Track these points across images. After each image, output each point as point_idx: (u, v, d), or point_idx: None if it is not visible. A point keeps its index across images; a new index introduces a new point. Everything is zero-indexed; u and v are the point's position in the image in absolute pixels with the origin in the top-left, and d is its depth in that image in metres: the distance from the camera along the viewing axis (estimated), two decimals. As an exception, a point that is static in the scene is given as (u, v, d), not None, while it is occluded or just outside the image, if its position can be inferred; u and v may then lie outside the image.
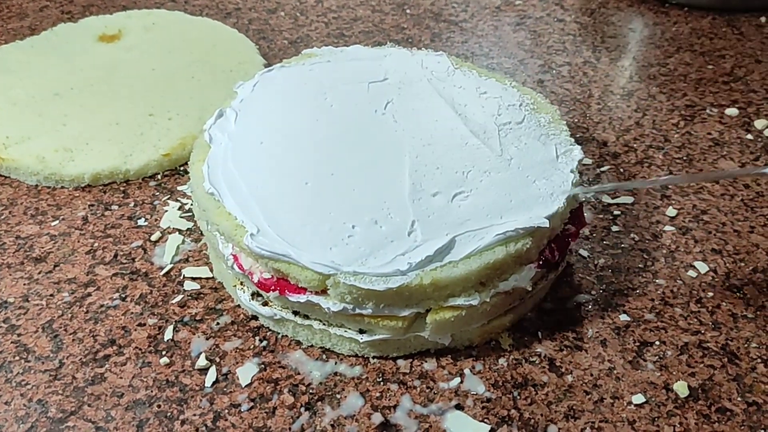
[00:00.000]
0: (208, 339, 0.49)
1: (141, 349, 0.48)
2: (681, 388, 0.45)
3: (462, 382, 0.46)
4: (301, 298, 0.45)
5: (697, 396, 0.45)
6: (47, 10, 0.92)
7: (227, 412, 0.44)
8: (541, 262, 0.47)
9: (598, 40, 0.85)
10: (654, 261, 0.55)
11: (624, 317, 0.50)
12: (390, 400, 0.45)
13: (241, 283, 0.49)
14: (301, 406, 0.44)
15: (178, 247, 0.56)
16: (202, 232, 0.54)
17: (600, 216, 0.59)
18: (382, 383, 0.46)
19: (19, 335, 0.49)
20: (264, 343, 0.48)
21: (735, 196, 0.61)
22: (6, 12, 0.91)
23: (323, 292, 0.44)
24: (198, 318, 0.50)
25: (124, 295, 0.52)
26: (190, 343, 0.48)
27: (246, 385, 0.46)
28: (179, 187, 0.62)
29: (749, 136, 0.68)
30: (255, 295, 0.48)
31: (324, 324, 0.47)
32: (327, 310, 0.44)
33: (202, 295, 0.52)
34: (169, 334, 0.49)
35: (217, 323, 0.50)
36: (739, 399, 0.45)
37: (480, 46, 0.83)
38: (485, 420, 0.44)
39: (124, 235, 0.57)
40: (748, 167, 0.63)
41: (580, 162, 0.50)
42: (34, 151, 0.63)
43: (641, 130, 0.69)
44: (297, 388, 0.46)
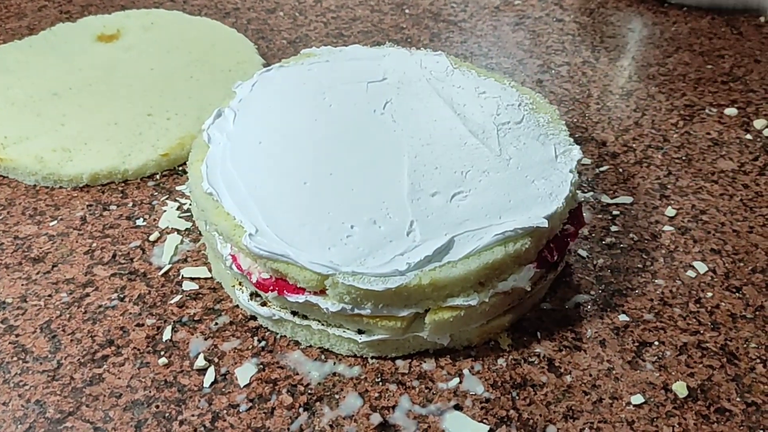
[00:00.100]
0: (206, 339, 0.49)
1: (139, 350, 0.48)
2: (680, 389, 0.45)
3: (461, 382, 0.46)
4: (300, 299, 0.45)
5: (696, 396, 0.45)
6: (46, 9, 0.92)
7: (226, 412, 0.44)
8: (540, 262, 0.47)
9: (597, 40, 0.85)
10: (653, 261, 0.55)
11: (623, 317, 0.50)
12: (389, 400, 0.45)
13: (240, 284, 0.49)
14: (300, 406, 0.44)
15: (177, 247, 0.56)
16: (200, 232, 0.54)
17: (599, 216, 0.59)
18: (380, 383, 0.46)
19: (17, 336, 0.49)
20: (262, 343, 0.48)
21: (734, 196, 0.61)
22: (4, 12, 0.91)
23: (322, 293, 0.44)
24: (196, 318, 0.50)
25: (122, 296, 0.52)
26: (188, 343, 0.48)
27: (244, 386, 0.46)
28: (178, 187, 0.62)
29: (748, 136, 0.68)
30: (253, 295, 0.48)
31: (323, 324, 0.46)
32: (326, 310, 0.44)
33: (201, 296, 0.52)
34: (167, 335, 0.49)
35: (216, 323, 0.50)
36: (738, 399, 0.45)
37: (479, 46, 0.83)
38: (484, 420, 0.44)
39: (123, 236, 0.57)
40: None
41: (579, 162, 0.50)
42: (33, 151, 0.63)
43: (640, 130, 0.69)
44: (295, 388, 0.46)
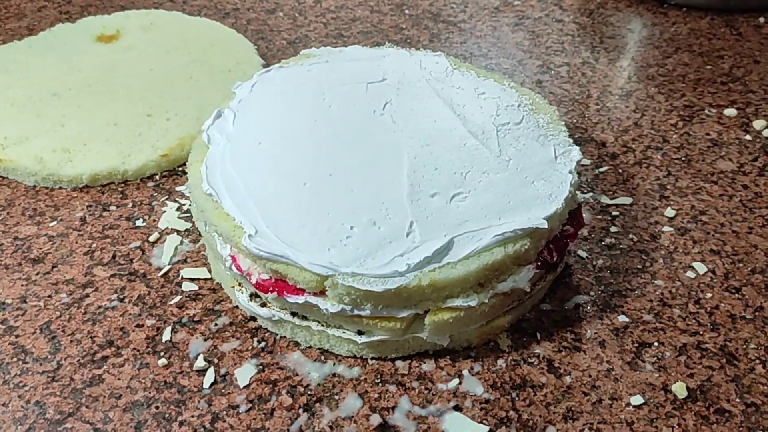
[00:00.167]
0: (206, 340, 0.49)
1: (139, 351, 0.48)
2: (679, 389, 0.45)
3: (460, 383, 0.46)
4: (300, 299, 0.45)
5: (695, 397, 0.45)
6: (45, 10, 0.92)
7: (225, 413, 0.44)
8: (539, 263, 0.47)
9: (597, 40, 0.85)
10: (652, 262, 0.55)
11: (622, 318, 0.50)
12: (388, 401, 0.45)
13: (240, 284, 0.49)
14: (300, 407, 0.44)
15: (177, 247, 0.56)
16: (200, 233, 0.54)
17: (598, 217, 0.59)
18: (380, 384, 0.46)
19: (16, 336, 0.49)
20: (262, 344, 0.48)
21: (733, 196, 0.61)
22: (4, 12, 0.91)
23: (321, 293, 0.44)
24: (196, 319, 0.50)
25: (122, 296, 0.52)
26: (188, 344, 0.48)
27: (244, 387, 0.46)
28: (177, 188, 0.62)
29: (748, 137, 0.68)
30: (253, 296, 0.48)
31: (322, 325, 0.46)
32: (325, 311, 0.44)
33: (201, 296, 0.52)
34: (167, 335, 0.49)
35: (216, 324, 0.50)
36: (737, 400, 0.45)
37: (478, 47, 0.83)
38: (484, 421, 0.44)
39: (123, 236, 0.57)
40: None
41: (579, 163, 0.50)
42: (32, 152, 0.63)
43: (640, 130, 0.69)
44: (295, 389, 0.46)
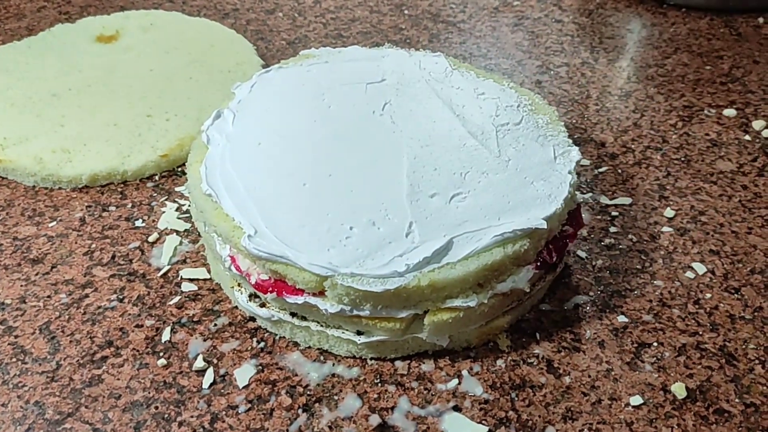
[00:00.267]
0: (205, 340, 0.49)
1: (138, 351, 0.48)
2: (679, 390, 0.45)
3: (460, 383, 0.46)
4: (299, 300, 0.45)
5: (695, 397, 0.45)
6: (45, 10, 0.92)
7: (225, 413, 0.44)
8: (538, 264, 0.47)
9: (596, 40, 0.85)
10: (652, 262, 0.55)
11: (622, 318, 0.50)
12: (388, 401, 0.45)
13: (239, 285, 0.49)
14: (299, 407, 0.44)
15: (176, 248, 0.56)
16: (199, 234, 0.54)
17: (598, 217, 0.59)
18: (379, 385, 0.46)
19: (16, 337, 0.49)
20: (261, 344, 0.48)
21: (733, 197, 0.61)
22: (3, 12, 0.91)
23: (321, 294, 0.44)
24: (195, 319, 0.50)
25: (121, 297, 0.52)
26: (187, 344, 0.48)
27: (243, 387, 0.46)
28: (177, 188, 0.62)
29: (747, 137, 0.68)
30: (252, 296, 0.48)
31: (322, 325, 0.46)
32: (324, 311, 0.44)
33: (200, 297, 0.52)
34: (166, 336, 0.49)
35: (215, 325, 0.50)
36: (736, 400, 0.45)
37: (478, 47, 0.83)
38: (483, 421, 0.44)
39: (122, 237, 0.57)
40: None
41: (578, 163, 0.50)
42: (32, 152, 0.63)
43: (639, 130, 0.69)
44: (294, 389, 0.46)
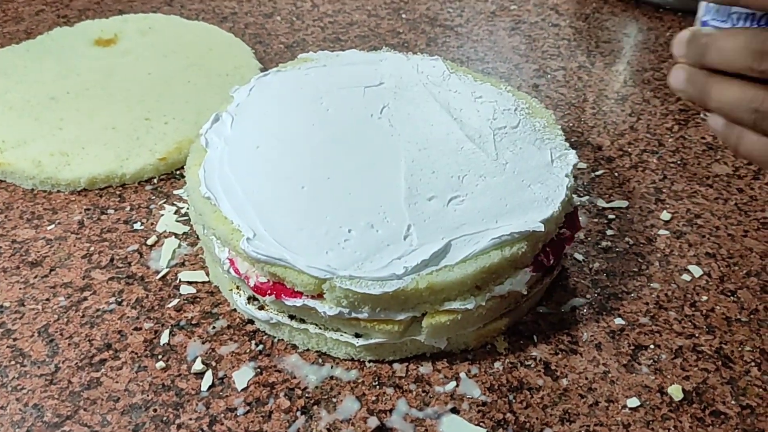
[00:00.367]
0: (204, 343, 0.49)
1: (137, 354, 0.48)
2: (675, 392, 0.45)
3: (458, 385, 0.46)
4: (297, 302, 0.45)
5: (691, 399, 0.45)
6: (43, 14, 0.92)
7: (223, 416, 0.44)
8: (536, 266, 0.47)
9: (593, 44, 0.85)
10: (648, 265, 0.55)
11: (619, 321, 0.50)
12: (386, 404, 0.45)
13: (237, 287, 0.49)
14: (297, 410, 0.45)
15: (174, 251, 0.56)
16: (198, 236, 0.54)
17: (595, 220, 0.59)
18: (378, 387, 0.46)
19: (14, 340, 0.49)
20: (260, 347, 0.49)
21: (729, 200, 0.61)
22: (2, 16, 0.91)
23: (319, 296, 0.44)
24: (194, 322, 0.50)
25: (120, 300, 0.52)
26: (186, 347, 0.48)
27: (242, 389, 0.46)
28: (175, 191, 0.62)
29: (743, 141, 0.69)
30: (251, 299, 0.48)
31: (320, 328, 0.47)
32: (323, 314, 0.44)
33: (198, 300, 0.52)
34: (165, 338, 0.49)
35: (213, 327, 0.50)
36: (733, 402, 0.45)
37: (475, 51, 0.84)
38: (481, 423, 0.44)
39: (120, 239, 0.57)
40: None
41: (575, 166, 0.51)
42: (31, 155, 0.63)
43: (636, 134, 0.70)
44: (293, 392, 0.46)
